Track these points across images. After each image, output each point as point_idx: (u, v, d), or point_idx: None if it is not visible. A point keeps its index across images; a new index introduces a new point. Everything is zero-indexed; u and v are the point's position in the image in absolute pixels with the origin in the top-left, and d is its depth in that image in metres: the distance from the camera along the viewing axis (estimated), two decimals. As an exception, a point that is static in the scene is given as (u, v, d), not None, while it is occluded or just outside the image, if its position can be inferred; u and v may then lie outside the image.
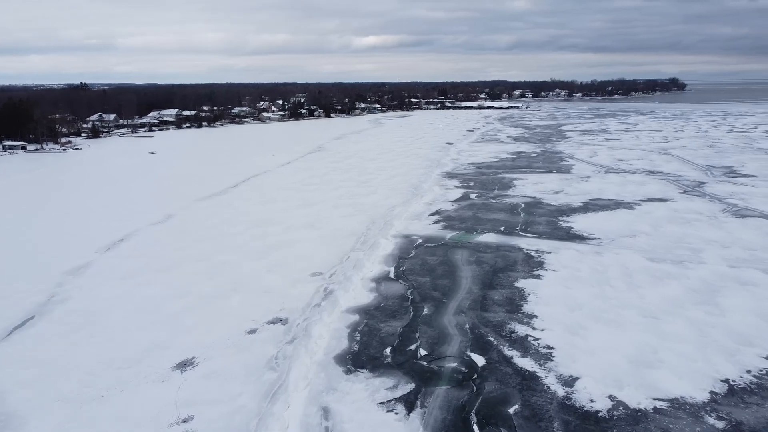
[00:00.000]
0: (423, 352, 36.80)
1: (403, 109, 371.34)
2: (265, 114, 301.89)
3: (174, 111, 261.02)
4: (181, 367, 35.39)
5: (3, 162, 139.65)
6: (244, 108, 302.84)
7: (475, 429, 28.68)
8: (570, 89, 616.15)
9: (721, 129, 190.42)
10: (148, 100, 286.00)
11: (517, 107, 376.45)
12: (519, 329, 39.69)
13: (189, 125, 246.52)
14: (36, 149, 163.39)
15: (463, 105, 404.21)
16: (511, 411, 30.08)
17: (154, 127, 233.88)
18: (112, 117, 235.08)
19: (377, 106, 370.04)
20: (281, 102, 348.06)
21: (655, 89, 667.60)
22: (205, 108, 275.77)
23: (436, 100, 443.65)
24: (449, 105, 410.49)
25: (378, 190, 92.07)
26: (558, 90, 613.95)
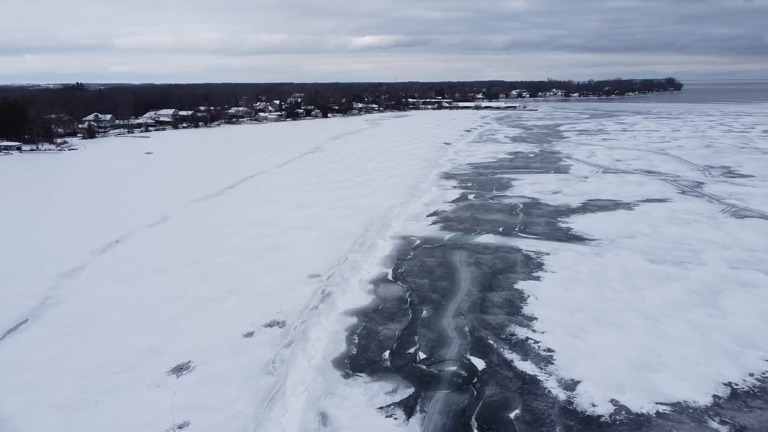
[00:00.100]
0: (422, 355, 36.36)
1: (400, 109, 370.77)
2: (262, 114, 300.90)
3: (170, 111, 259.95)
4: (177, 372, 34.87)
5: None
6: (240, 108, 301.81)
7: (476, 434, 28.24)
8: (567, 89, 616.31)
9: (719, 129, 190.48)
10: (144, 100, 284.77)
11: (515, 107, 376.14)
12: (519, 332, 39.29)
13: (185, 125, 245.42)
14: (31, 149, 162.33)
15: (461, 105, 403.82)
16: (512, 416, 29.66)
17: (150, 128, 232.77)
18: (108, 117, 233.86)
19: (374, 106, 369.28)
20: (278, 102, 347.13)
21: (652, 89, 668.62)
22: (202, 108, 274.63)
23: (433, 100, 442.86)
24: (446, 105, 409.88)
25: (376, 190, 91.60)
26: (555, 90, 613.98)
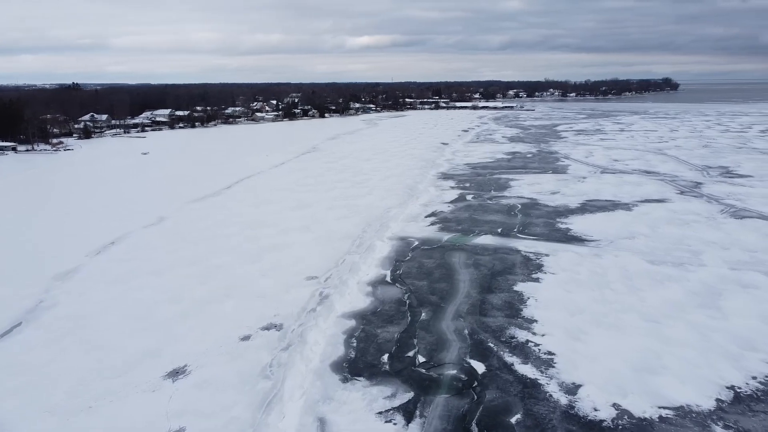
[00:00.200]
0: (421, 358, 35.91)
1: (398, 109, 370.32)
2: (259, 114, 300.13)
3: (167, 111, 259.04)
4: (173, 376, 34.36)
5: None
6: (237, 108, 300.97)
7: (477, 440, 27.84)
8: (564, 89, 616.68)
9: (716, 129, 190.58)
10: (140, 100, 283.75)
11: (512, 107, 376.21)
12: (519, 334, 38.88)
13: (182, 125, 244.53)
14: (27, 150, 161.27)
15: (458, 105, 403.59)
16: (513, 420, 29.24)
17: (146, 128, 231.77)
18: (104, 117, 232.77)
19: (371, 106, 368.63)
20: (275, 102, 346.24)
21: (648, 89, 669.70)
22: (199, 108, 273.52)
23: (430, 100, 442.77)
24: (443, 105, 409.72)
25: (373, 191, 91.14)
26: (552, 90, 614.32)
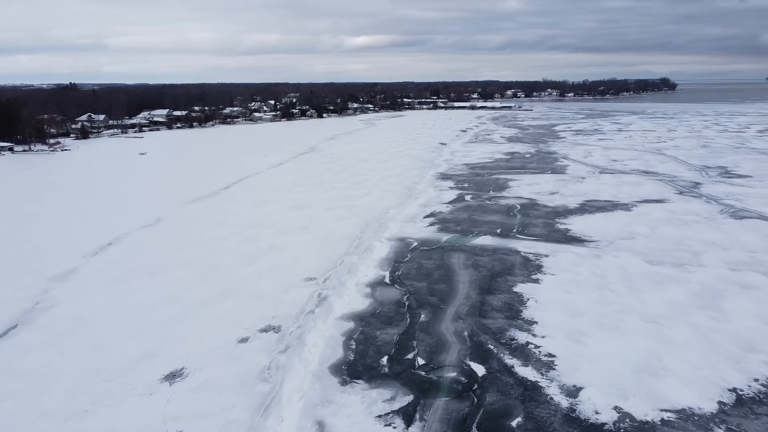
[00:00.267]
0: (421, 361, 35.64)
1: (396, 109, 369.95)
2: (257, 114, 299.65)
3: (165, 111, 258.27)
4: (170, 379, 34.05)
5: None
6: (235, 108, 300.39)
7: (477, 443, 27.59)
8: (562, 89, 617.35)
9: (714, 129, 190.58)
10: (138, 100, 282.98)
11: (510, 107, 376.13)
12: (519, 336, 38.63)
13: (180, 125, 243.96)
14: (24, 150, 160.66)
15: (456, 105, 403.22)
16: (514, 424, 28.99)
17: (144, 128, 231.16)
18: (101, 117, 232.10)
19: (369, 106, 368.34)
20: (273, 102, 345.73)
21: (646, 89, 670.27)
22: (196, 108, 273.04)
23: (428, 100, 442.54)
24: (442, 105, 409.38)
25: (372, 191, 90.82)
26: (550, 90, 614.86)
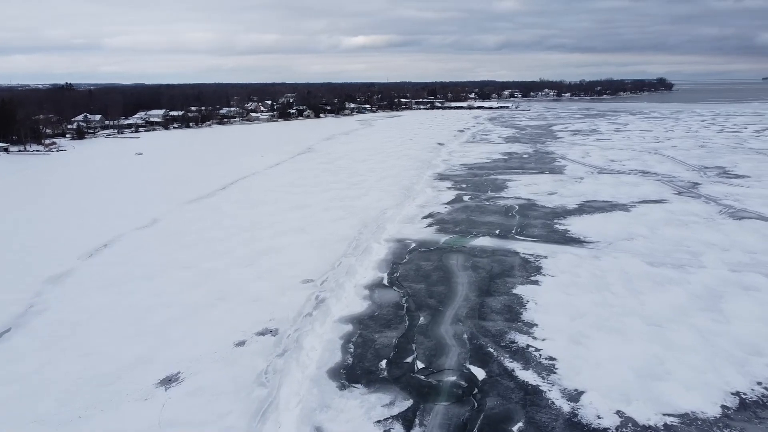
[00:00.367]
0: (420, 365, 35.15)
1: (393, 109, 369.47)
2: (254, 114, 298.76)
3: (161, 111, 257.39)
4: (166, 384, 33.48)
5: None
6: (232, 108, 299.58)
7: (478, 449, 27.11)
8: (559, 89, 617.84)
9: (711, 129, 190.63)
10: (134, 100, 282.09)
11: (507, 107, 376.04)
12: (519, 339, 38.17)
13: (176, 126, 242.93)
14: (19, 151, 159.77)
15: (453, 105, 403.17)
16: (515, 429, 28.53)
17: (140, 128, 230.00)
18: (97, 118, 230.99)
19: (367, 106, 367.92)
20: (270, 102, 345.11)
21: (643, 89, 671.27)
22: (193, 108, 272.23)
23: (425, 100, 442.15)
24: (439, 105, 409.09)
25: (369, 192, 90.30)
26: (547, 90, 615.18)
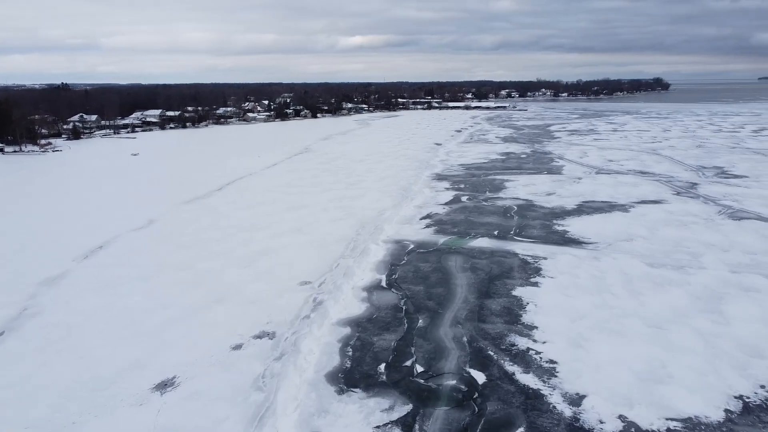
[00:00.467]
0: (419, 368, 34.69)
1: (390, 110, 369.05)
2: (251, 114, 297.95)
3: (157, 111, 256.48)
4: (161, 388, 32.98)
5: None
6: (229, 108, 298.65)
7: (479, 455, 26.67)
8: (556, 89, 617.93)
9: (708, 129, 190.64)
10: (131, 100, 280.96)
11: (504, 107, 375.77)
12: (519, 342, 37.77)
13: (173, 126, 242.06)
14: (14, 151, 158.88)
15: (450, 105, 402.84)
16: (517, 434, 28.12)
17: (137, 128, 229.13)
18: (93, 118, 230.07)
19: (364, 106, 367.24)
20: (267, 102, 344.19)
21: (640, 89, 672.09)
22: (190, 108, 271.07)
23: (422, 100, 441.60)
24: (436, 105, 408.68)
25: (367, 192, 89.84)
26: (544, 90, 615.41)
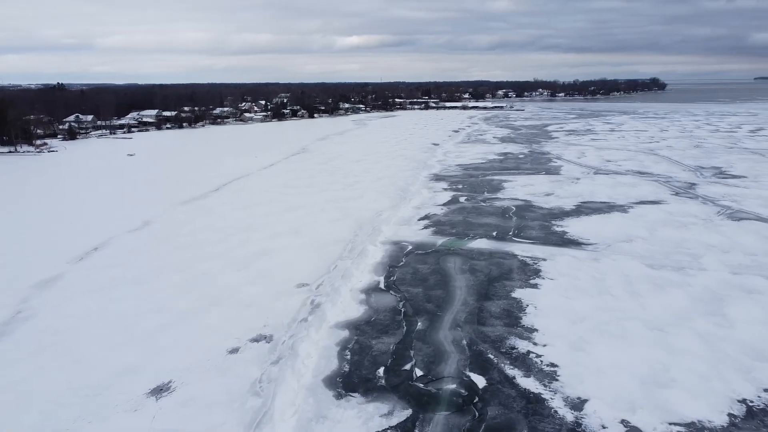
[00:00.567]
0: (419, 372, 34.21)
1: (387, 110, 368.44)
2: (248, 114, 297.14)
3: (154, 111, 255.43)
4: (156, 394, 32.42)
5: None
6: (225, 108, 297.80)
7: (480, 462, 26.21)
8: (553, 89, 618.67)
9: (706, 129, 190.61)
10: (127, 100, 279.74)
11: (501, 107, 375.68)
12: (519, 345, 37.31)
13: (169, 126, 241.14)
14: (9, 152, 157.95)
15: (447, 105, 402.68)
16: (518, 440, 27.67)
17: (133, 128, 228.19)
18: (89, 118, 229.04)
19: (361, 106, 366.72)
20: (264, 102, 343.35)
21: (636, 89, 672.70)
22: (186, 108, 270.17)
23: (419, 100, 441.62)
24: (433, 105, 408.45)
25: (364, 193, 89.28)
26: (541, 90, 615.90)
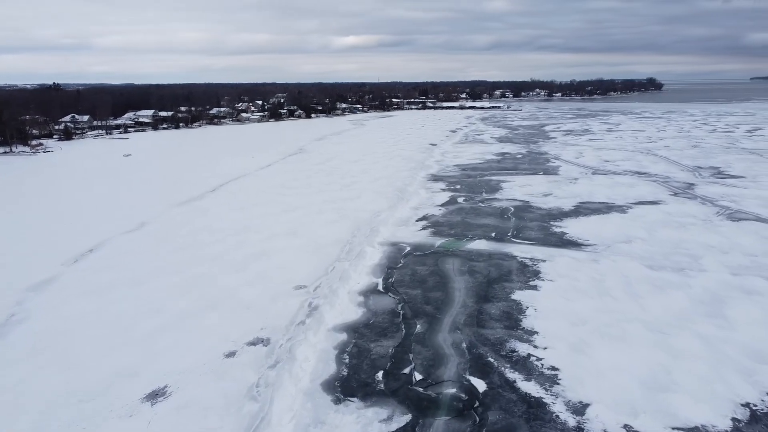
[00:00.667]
0: (418, 376, 33.79)
1: (385, 110, 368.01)
2: (245, 115, 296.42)
3: (150, 112, 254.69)
4: (152, 398, 31.95)
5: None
6: (222, 108, 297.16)
7: (481, 468, 25.81)
8: (550, 89, 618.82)
9: (703, 129, 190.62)
10: (123, 100, 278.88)
11: (499, 107, 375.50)
12: (520, 348, 36.92)
13: (166, 126, 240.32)
14: (4, 152, 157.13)
15: (445, 105, 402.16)
16: (519, 445, 27.28)
17: (129, 129, 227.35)
18: (85, 118, 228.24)
19: (358, 106, 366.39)
20: (261, 102, 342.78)
21: (633, 89, 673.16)
22: (183, 108, 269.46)
23: (417, 100, 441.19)
24: (431, 105, 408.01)
25: (362, 193, 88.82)
26: (538, 90, 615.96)
